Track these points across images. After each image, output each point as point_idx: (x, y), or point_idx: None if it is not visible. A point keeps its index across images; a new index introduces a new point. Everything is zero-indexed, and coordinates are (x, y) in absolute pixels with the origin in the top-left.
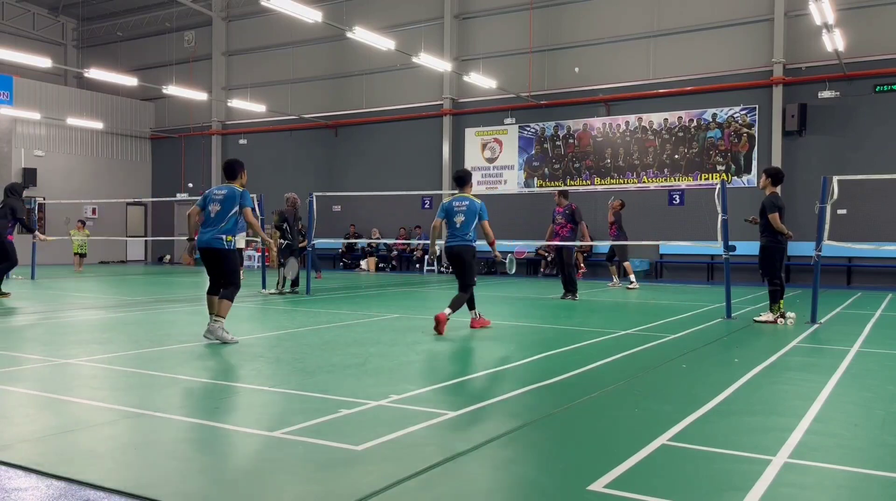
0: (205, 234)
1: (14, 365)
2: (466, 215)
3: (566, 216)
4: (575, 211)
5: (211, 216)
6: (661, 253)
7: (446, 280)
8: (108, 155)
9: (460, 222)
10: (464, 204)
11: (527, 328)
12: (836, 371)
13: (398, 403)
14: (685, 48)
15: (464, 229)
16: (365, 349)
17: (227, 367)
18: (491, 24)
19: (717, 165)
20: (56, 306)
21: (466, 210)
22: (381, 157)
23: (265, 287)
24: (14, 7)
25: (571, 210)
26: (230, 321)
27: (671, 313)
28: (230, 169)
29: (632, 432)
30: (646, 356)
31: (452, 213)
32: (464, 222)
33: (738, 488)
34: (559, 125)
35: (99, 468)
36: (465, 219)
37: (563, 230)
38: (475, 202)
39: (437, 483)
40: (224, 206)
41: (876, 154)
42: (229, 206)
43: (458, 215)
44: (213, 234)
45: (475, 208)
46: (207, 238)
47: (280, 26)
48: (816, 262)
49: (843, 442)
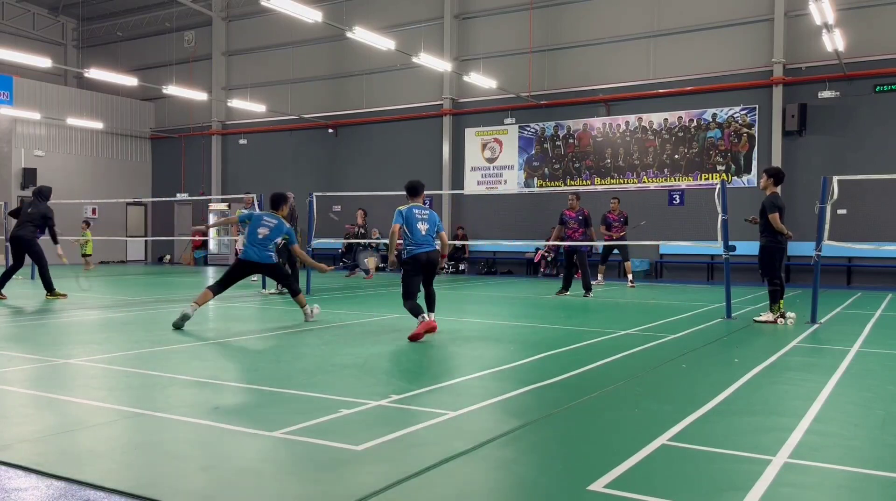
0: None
1: (14, 365)
2: (429, 223)
3: (579, 222)
4: (588, 216)
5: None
6: (661, 253)
7: (447, 280)
8: (108, 155)
9: (425, 229)
10: (425, 213)
11: (527, 328)
12: (836, 371)
13: (398, 403)
14: (685, 48)
15: (429, 237)
16: (365, 349)
17: (227, 367)
18: (491, 24)
19: (717, 165)
20: (56, 306)
21: (429, 219)
22: (381, 157)
23: (265, 287)
24: (14, 7)
25: (584, 215)
26: (228, 321)
27: (671, 313)
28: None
29: (632, 432)
30: (646, 356)
31: (414, 220)
32: (428, 230)
33: (738, 488)
34: (559, 125)
35: (99, 468)
36: (429, 227)
37: (575, 234)
38: (434, 213)
39: (437, 483)
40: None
41: (876, 154)
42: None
43: (421, 223)
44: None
45: (435, 218)
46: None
47: (280, 26)
48: (816, 262)
49: (843, 442)
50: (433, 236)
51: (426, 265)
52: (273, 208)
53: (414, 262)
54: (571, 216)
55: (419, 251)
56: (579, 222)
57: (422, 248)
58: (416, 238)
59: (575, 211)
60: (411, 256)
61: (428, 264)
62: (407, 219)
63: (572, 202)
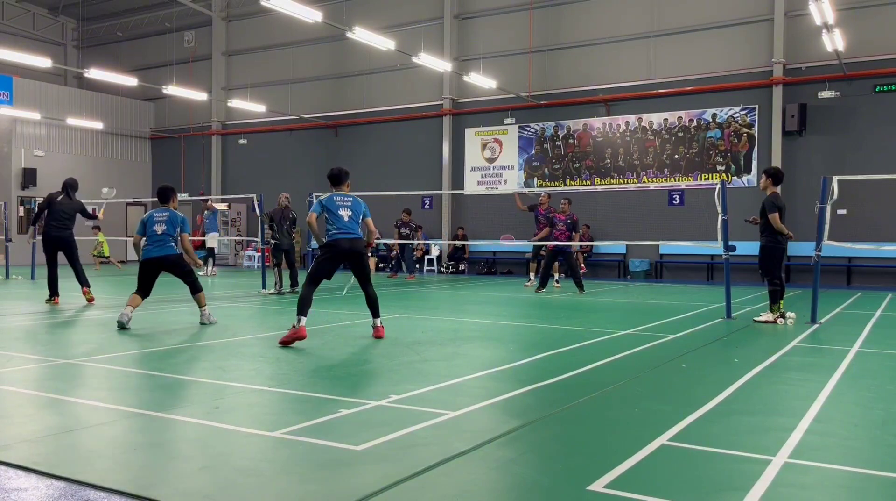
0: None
1: (14, 365)
2: (352, 210)
3: (568, 225)
4: (576, 221)
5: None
6: (661, 253)
7: (447, 280)
8: (108, 155)
9: (348, 216)
10: (347, 200)
11: (527, 328)
12: (836, 371)
13: (398, 403)
14: (685, 48)
15: (353, 224)
16: (365, 349)
17: (227, 367)
18: (491, 24)
19: (717, 165)
20: (56, 306)
21: (352, 206)
22: (381, 157)
23: (265, 287)
24: (14, 7)
25: (573, 220)
26: (227, 321)
27: (671, 313)
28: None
29: (632, 432)
30: (646, 356)
31: (335, 207)
32: (352, 217)
33: (738, 488)
34: (559, 125)
35: (99, 468)
36: (353, 215)
37: (561, 236)
38: (359, 201)
39: (437, 483)
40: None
41: (876, 154)
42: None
43: (343, 209)
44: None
45: (360, 206)
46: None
47: (280, 26)
48: (816, 262)
49: (843, 442)
50: (357, 223)
51: (349, 254)
52: (162, 202)
53: (333, 247)
54: (561, 219)
55: (341, 237)
56: (569, 226)
57: (343, 234)
58: (338, 224)
59: (565, 215)
60: (332, 239)
61: (351, 252)
62: (328, 207)
63: (564, 206)
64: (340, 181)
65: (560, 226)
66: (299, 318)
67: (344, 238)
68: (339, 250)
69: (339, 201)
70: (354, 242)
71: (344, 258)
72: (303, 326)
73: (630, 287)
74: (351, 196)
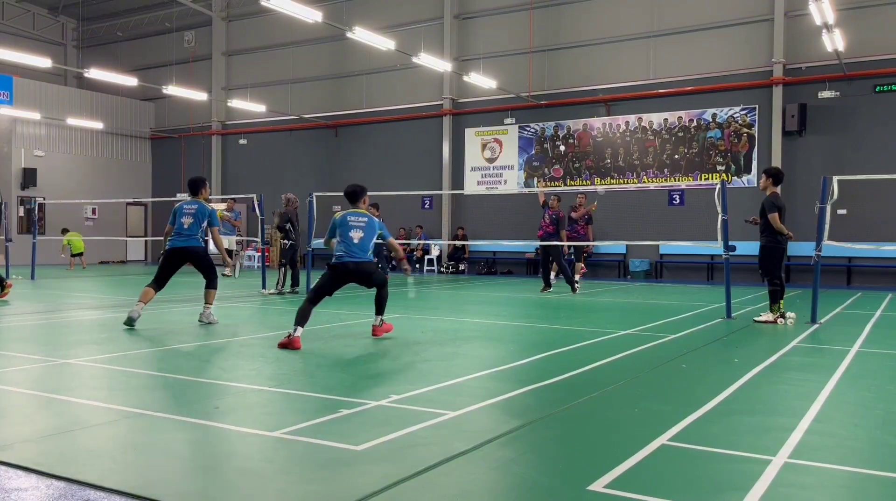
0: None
1: (14, 365)
2: (365, 231)
3: (553, 221)
4: (561, 219)
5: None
6: (661, 253)
7: (447, 280)
8: (108, 155)
9: (358, 237)
10: (361, 220)
11: (527, 328)
12: (836, 371)
13: (398, 403)
14: (685, 48)
15: (363, 245)
16: (365, 349)
17: (227, 367)
18: (491, 24)
19: (717, 165)
20: (56, 306)
21: (366, 226)
22: (381, 157)
23: (265, 287)
24: (14, 7)
25: (559, 217)
26: (227, 321)
27: (671, 313)
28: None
29: (632, 432)
30: (646, 356)
31: (347, 228)
32: (363, 239)
33: (738, 488)
34: (559, 125)
35: (99, 468)
36: (364, 236)
37: (548, 228)
38: (374, 220)
39: (437, 483)
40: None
41: (876, 154)
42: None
43: (354, 231)
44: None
45: (375, 225)
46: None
47: (280, 26)
48: (816, 262)
49: (843, 442)
50: (369, 245)
51: (355, 274)
52: (192, 194)
53: (338, 269)
54: (549, 213)
55: (347, 260)
56: (553, 222)
57: (349, 257)
58: (346, 246)
59: (553, 210)
60: (338, 261)
61: (357, 273)
62: (340, 227)
63: (553, 202)
64: (356, 198)
65: (546, 219)
66: (296, 327)
67: (350, 261)
68: (345, 271)
69: (352, 221)
70: (360, 264)
71: (349, 280)
72: (298, 336)
73: (630, 287)
74: (366, 216)
